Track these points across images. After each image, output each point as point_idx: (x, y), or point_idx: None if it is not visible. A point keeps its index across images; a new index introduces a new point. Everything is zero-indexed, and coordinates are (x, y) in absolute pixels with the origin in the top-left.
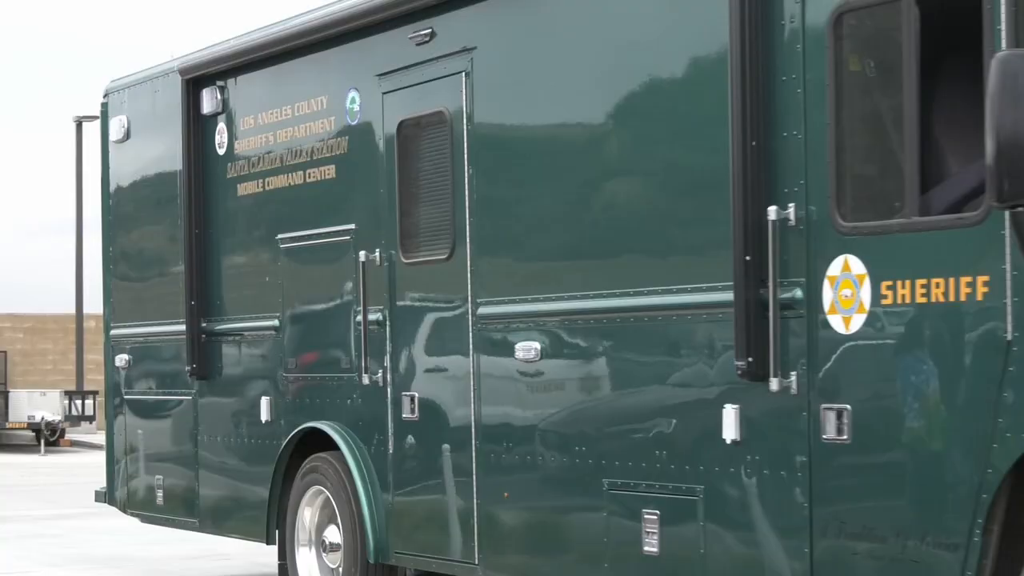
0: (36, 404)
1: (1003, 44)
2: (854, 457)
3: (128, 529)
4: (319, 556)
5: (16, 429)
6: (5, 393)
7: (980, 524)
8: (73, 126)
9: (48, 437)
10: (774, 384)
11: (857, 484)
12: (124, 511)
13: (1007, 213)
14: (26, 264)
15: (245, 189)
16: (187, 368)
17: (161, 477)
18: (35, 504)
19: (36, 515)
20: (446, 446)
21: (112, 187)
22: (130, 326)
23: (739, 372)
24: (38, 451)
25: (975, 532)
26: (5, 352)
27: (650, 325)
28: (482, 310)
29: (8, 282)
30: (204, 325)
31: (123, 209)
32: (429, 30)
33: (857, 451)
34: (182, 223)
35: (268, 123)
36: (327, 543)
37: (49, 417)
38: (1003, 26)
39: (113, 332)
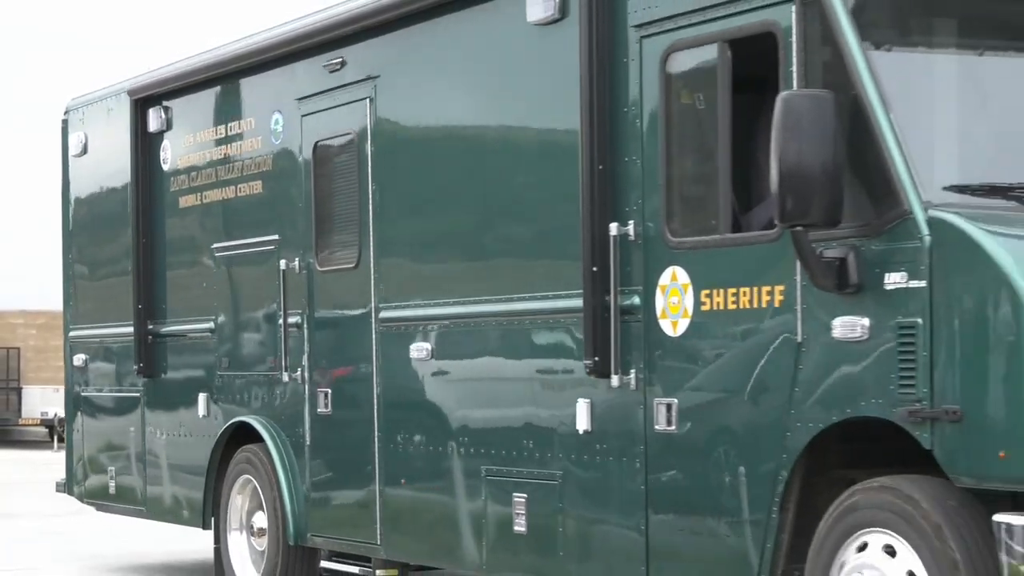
0: (49, 400)
1: (794, 84)
2: (680, 444)
3: (140, 527)
4: (248, 540)
5: (29, 425)
6: (18, 390)
7: (777, 503)
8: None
9: (61, 433)
10: (615, 380)
11: (683, 468)
12: (82, 501)
13: (789, 231)
14: (39, 260)
15: (186, 202)
16: (135, 367)
17: (113, 468)
18: (47, 501)
19: (48, 512)
20: (354, 437)
21: (71, 198)
22: (86, 328)
23: (587, 370)
24: (51, 447)
25: (773, 510)
26: (18, 348)
27: (518, 328)
28: (383, 314)
29: (21, 278)
30: (150, 327)
31: (81, 219)
32: (340, 59)
33: (683, 439)
34: (131, 232)
35: (206, 141)
36: (255, 528)
37: (62, 414)
38: (794, 68)
39: (71, 334)
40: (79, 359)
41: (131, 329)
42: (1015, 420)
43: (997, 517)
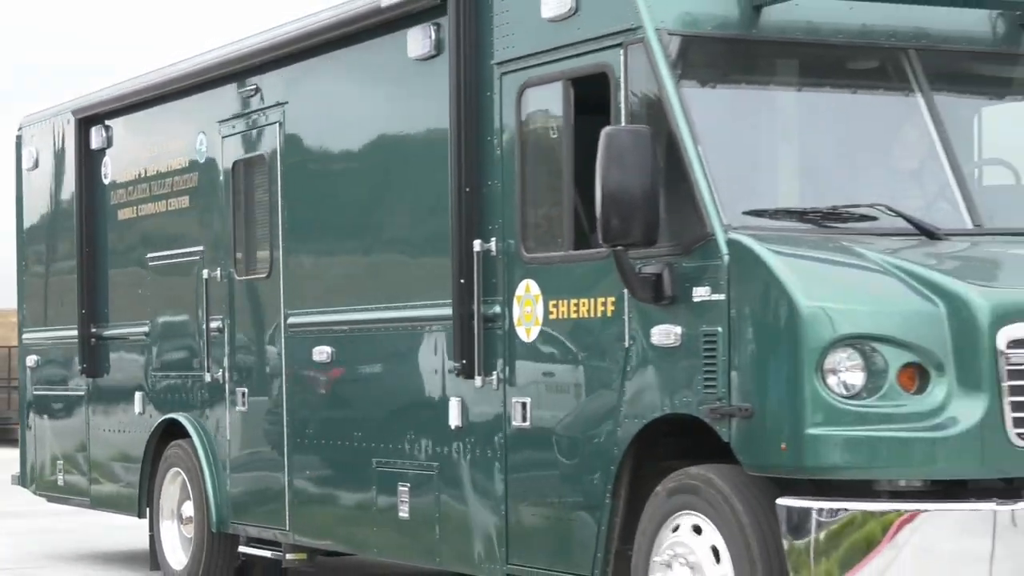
0: None
1: (622, 119)
2: (532, 438)
3: (139, 525)
4: (179, 527)
5: None
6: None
7: (610, 490)
8: None
9: None
10: (478, 381)
11: (535, 460)
12: (34, 493)
13: (613, 250)
14: None
15: (124, 214)
16: (79, 368)
17: (62, 462)
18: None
19: (46, 510)
20: (267, 433)
21: (24, 209)
22: (38, 331)
23: (456, 372)
24: None
25: (607, 496)
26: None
27: (402, 333)
28: (291, 320)
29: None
30: (93, 330)
31: (32, 228)
32: (255, 86)
33: (534, 434)
34: (75, 242)
35: (141, 158)
36: (184, 516)
37: None
38: (622, 106)
39: (25, 336)
40: (32, 360)
41: (76, 332)
42: (793, 417)
43: (779, 500)
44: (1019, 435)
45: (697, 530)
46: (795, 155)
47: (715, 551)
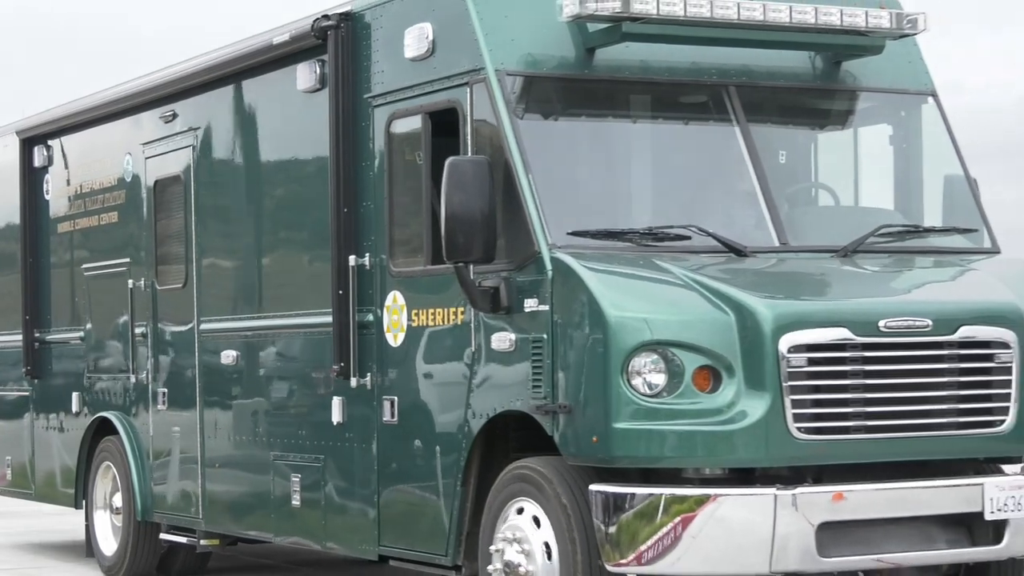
0: None
1: (468, 150)
2: (399, 433)
3: None
4: (110, 517)
5: None
6: None
7: (460, 479)
8: None
9: None
10: (354, 382)
11: (401, 452)
12: None
13: (455, 266)
14: None
15: (63, 228)
16: (24, 370)
17: (10, 458)
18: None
19: (47, 510)
20: (183, 429)
21: None
22: None
23: (335, 373)
24: None
25: (458, 484)
26: None
27: (295, 339)
28: (203, 326)
29: None
30: (37, 335)
31: None
32: (172, 112)
33: (400, 429)
34: (19, 253)
35: (78, 176)
36: (114, 507)
37: None
38: (468, 137)
39: None
40: None
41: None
42: (603, 413)
43: (592, 487)
44: (799, 428)
45: (528, 514)
46: (620, 182)
47: (546, 541)
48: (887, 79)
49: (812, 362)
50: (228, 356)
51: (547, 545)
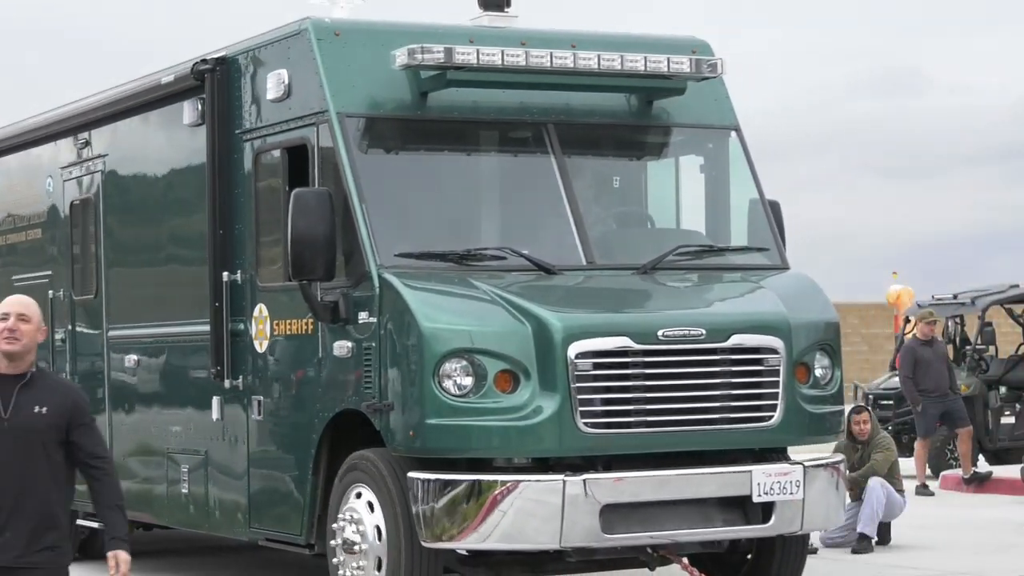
0: None
1: (316, 182)
2: (265, 428)
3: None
4: None
5: None
6: None
7: (311, 468)
8: None
9: None
10: (227, 383)
11: (267, 445)
12: None
13: (300, 283)
14: None
15: None
16: None
17: None
18: None
19: None
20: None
21: None
22: None
23: (212, 376)
24: None
25: (310, 474)
26: None
27: (184, 345)
28: (110, 333)
29: None
30: None
31: None
32: (85, 139)
33: (266, 425)
34: None
35: (9, 195)
36: None
37: None
38: (315, 171)
39: None
40: None
41: None
42: (418, 411)
43: (410, 474)
44: (585, 424)
45: (364, 498)
46: (447, 209)
47: (377, 525)
48: (695, 116)
49: (597, 366)
50: (130, 360)
51: (378, 526)
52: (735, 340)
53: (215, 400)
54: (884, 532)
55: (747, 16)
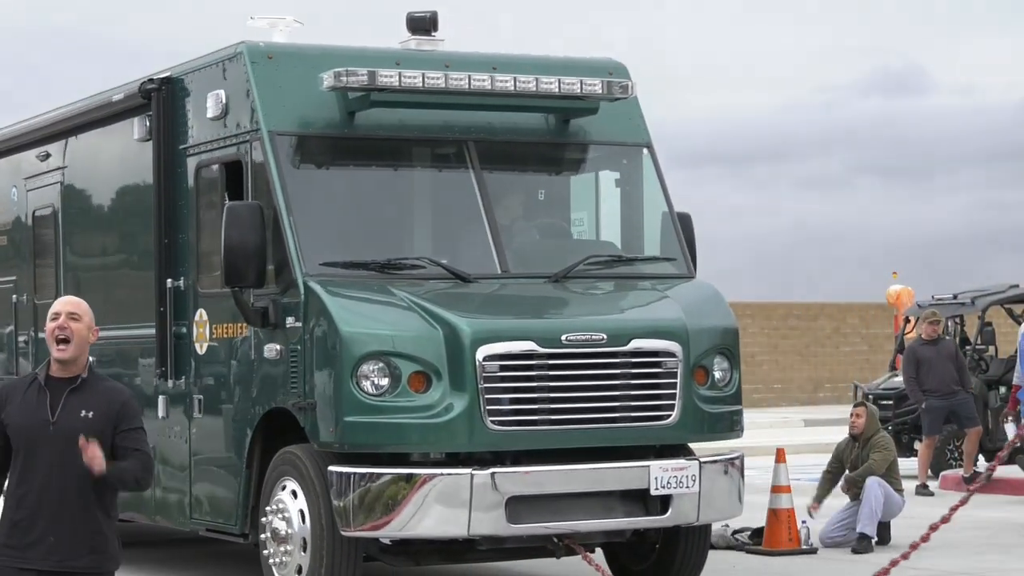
0: None
1: (249, 196)
2: (205, 424)
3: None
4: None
5: None
6: None
7: (246, 462)
8: None
9: None
10: (171, 384)
11: (206, 439)
12: None
13: (232, 290)
14: None
15: None
16: None
17: None
18: None
19: None
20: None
21: None
22: None
23: (159, 375)
24: None
25: (244, 467)
26: None
27: (136, 346)
28: None
29: None
30: None
31: None
32: (46, 152)
33: (206, 421)
34: None
35: None
36: None
37: None
38: (249, 185)
39: None
40: None
41: None
42: (337, 409)
43: (330, 467)
44: (492, 421)
45: (289, 490)
46: (371, 221)
47: (301, 509)
48: (609, 134)
49: (504, 368)
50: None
51: (302, 513)
52: (635, 344)
53: (161, 399)
54: (884, 532)
55: (747, 15)
